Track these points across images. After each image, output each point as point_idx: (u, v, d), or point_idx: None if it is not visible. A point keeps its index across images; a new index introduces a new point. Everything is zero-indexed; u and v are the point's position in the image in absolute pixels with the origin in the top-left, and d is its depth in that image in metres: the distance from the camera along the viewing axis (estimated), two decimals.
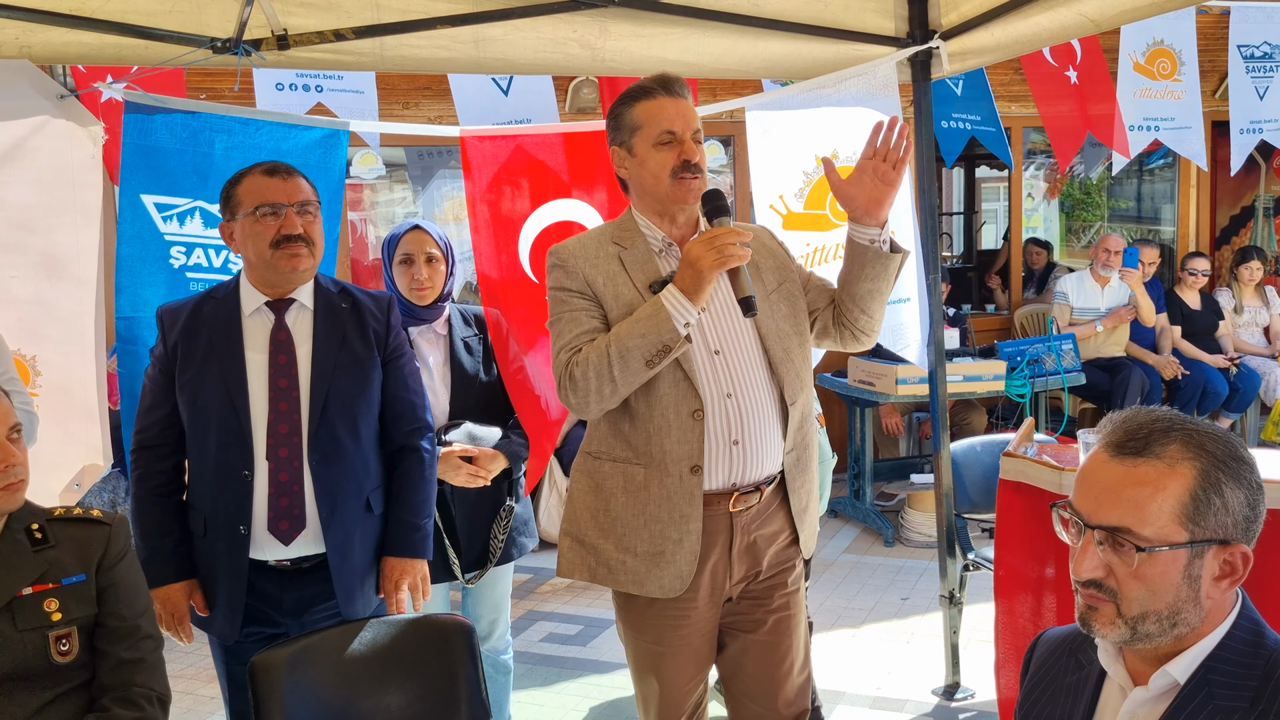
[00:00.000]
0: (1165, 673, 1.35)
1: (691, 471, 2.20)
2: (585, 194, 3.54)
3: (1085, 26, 3.22)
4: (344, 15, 3.14)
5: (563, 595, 5.02)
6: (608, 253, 2.27)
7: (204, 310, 2.42)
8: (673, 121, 2.20)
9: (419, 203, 7.75)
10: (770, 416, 2.25)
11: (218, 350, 2.37)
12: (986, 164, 11.00)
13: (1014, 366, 5.75)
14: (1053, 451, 3.06)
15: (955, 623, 3.79)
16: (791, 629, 2.37)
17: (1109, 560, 1.34)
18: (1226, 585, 1.34)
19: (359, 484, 2.42)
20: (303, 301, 2.43)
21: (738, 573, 2.29)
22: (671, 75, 2.25)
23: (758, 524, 2.29)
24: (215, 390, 2.35)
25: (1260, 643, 1.34)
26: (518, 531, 3.05)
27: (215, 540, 2.37)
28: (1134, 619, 1.33)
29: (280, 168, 2.40)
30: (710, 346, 2.23)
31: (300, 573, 2.41)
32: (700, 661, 2.34)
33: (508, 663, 3.16)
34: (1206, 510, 1.31)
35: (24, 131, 3.02)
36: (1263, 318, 7.00)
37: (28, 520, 2.01)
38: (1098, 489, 1.36)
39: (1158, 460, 1.32)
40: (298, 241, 2.35)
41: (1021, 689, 1.59)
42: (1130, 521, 1.32)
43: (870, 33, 3.57)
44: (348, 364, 2.41)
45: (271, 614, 2.42)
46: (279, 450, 2.33)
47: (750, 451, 2.22)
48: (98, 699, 1.99)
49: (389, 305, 2.53)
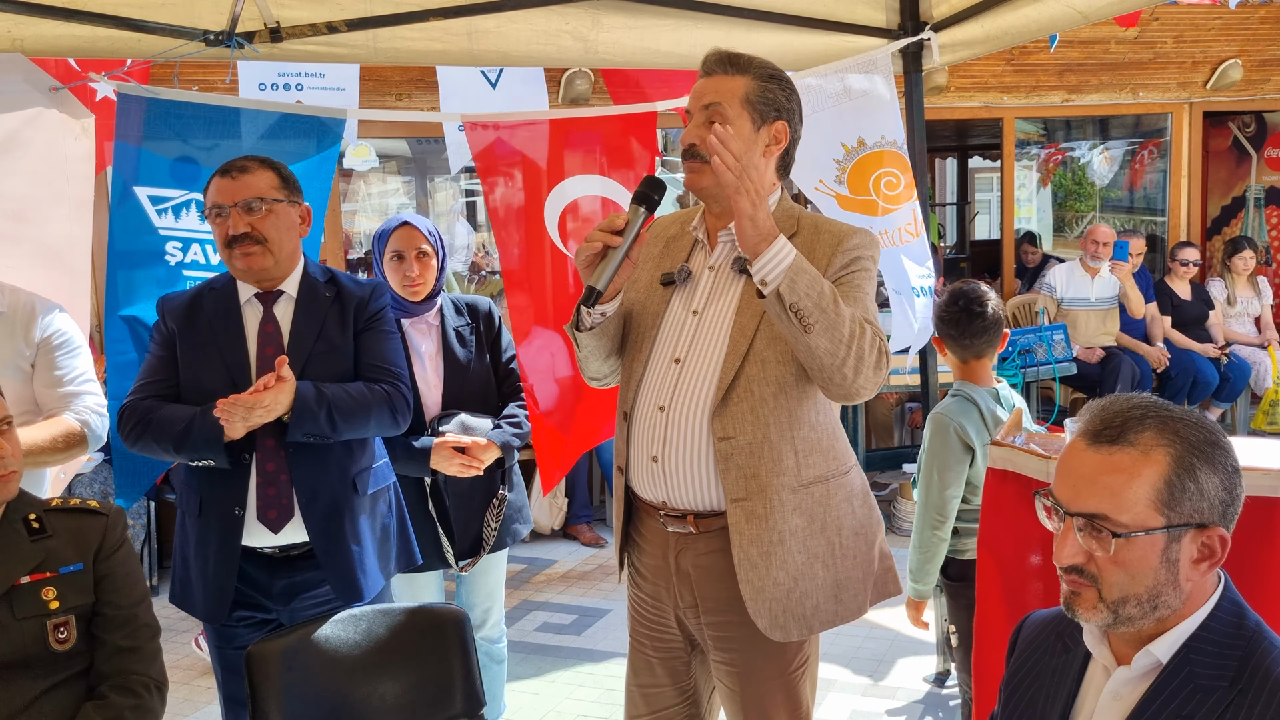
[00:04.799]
0: (1148, 652, 1.38)
1: (619, 471, 2.16)
2: (612, 172, 3.59)
3: (1074, 19, 3.25)
4: (336, 8, 3.15)
5: (557, 585, 5.05)
6: (666, 234, 2.21)
7: (204, 299, 2.45)
8: (689, 103, 2.07)
9: (412, 195, 7.76)
10: (701, 444, 2.01)
11: (219, 338, 2.40)
12: (980, 154, 11.03)
13: (1005, 356, 5.77)
14: (1040, 440, 3.08)
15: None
16: (739, 705, 2.12)
17: (1089, 546, 1.36)
18: (1205, 568, 1.36)
19: (342, 468, 2.43)
20: (289, 292, 2.45)
21: (683, 596, 2.12)
22: (714, 51, 2.06)
23: (695, 554, 2.08)
24: (218, 376, 2.37)
25: (1241, 624, 1.37)
26: (511, 519, 3.07)
27: (209, 520, 2.39)
28: (1115, 603, 1.36)
29: (234, 165, 2.39)
30: (673, 353, 2.08)
31: (289, 560, 2.43)
32: (656, 675, 2.21)
33: (502, 651, 3.19)
34: (1181, 495, 1.33)
35: (17, 123, 3.03)
36: (1254, 308, 7.03)
37: (25, 510, 2.03)
38: (1075, 477, 1.38)
39: (1132, 448, 1.35)
40: (245, 241, 2.34)
41: (1007, 669, 1.62)
42: (1106, 508, 1.34)
43: (862, 24, 3.59)
44: (323, 352, 2.41)
45: (261, 600, 2.44)
46: (265, 440, 2.35)
47: (671, 473, 2.04)
48: (96, 686, 2.01)
49: (373, 291, 2.52)
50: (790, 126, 2.08)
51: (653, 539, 2.14)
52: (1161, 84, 7.22)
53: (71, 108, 3.08)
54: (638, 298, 2.17)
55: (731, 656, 2.10)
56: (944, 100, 6.80)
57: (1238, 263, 6.94)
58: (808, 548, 2.03)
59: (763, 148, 2.05)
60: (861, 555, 2.10)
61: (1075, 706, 1.47)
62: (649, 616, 2.21)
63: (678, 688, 2.22)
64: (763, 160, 2.06)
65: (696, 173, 2.04)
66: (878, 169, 3.64)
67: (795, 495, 2.01)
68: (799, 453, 2.02)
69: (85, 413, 2.63)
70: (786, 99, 2.07)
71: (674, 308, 2.12)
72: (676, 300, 2.13)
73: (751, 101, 2.02)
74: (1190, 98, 7.39)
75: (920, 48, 3.58)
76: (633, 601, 2.26)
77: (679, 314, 2.11)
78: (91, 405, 2.66)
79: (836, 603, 2.07)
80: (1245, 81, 7.17)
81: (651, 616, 2.20)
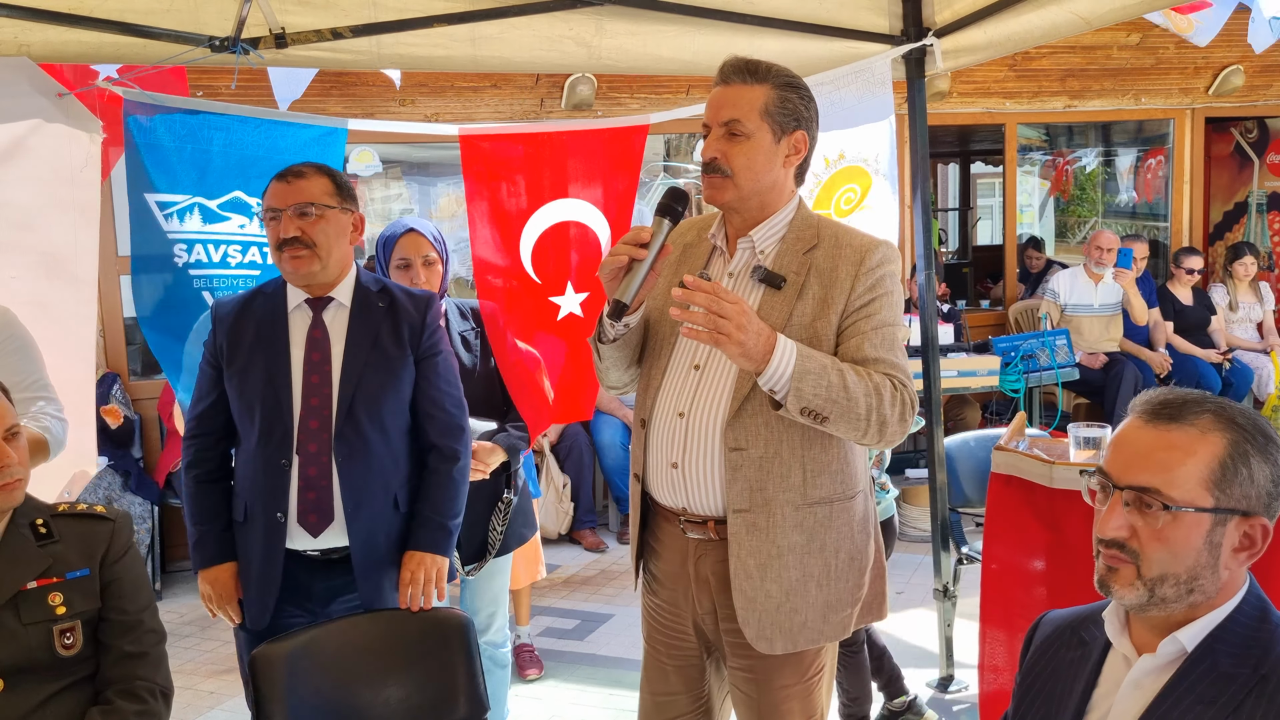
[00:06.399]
0: (1175, 639, 1.39)
1: (636, 478, 2.15)
2: (584, 193, 3.57)
3: (1077, 24, 3.25)
4: (341, 14, 3.16)
5: (560, 590, 5.05)
6: (683, 241, 2.18)
7: (254, 304, 2.49)
8: (706, 114, 2.05)
9: (414, 201, 7.76)
10: (719, 452, 2.01)
11: (264, 343, 2.43)
12: (982, 160, 11.03)
13: (1008, 362, 5.78)
14: (1043, 445, 3.09)
15: (949, 616, 3.82)
16: (757, 712, 2.12)
17: (1133, 521, 1.37)
18: (1245, 557, 1.38)
19: (385, 481, 2.44)
20: (340, 300, 2.47)
21: (702, 602, 2.11)
22: (731, 59, 2.03)
23: (716, 560, 2.06)
24: (260, 381, 2.40)
25: (1265, 618, 1.39)
26: (517, 523, 3.08)
27: (253, 527, 2.42)
28: (1153, 580, 1.37)
29: (290, 171, 2.43)
30: (693, 360, 2.07)
31: (329, 563, 2.45)
32: (670, 683, 2.20)
33: (506, 656, 3.19)
34: (1234, 479, 1.35)
35: (23, 131, 3.03)
36: (1256, 313, 7.03)
37: (32, 516, 2.04)
38: (1129, 451, 1.40)
39: (1190, 427, 1.37)
40: (295, 244, 2.37)
41: (1021, 667, 1.62)
42: (1159, 482, 1.36)
43: (865, 30, 3.59)
44: (377, 362, 2.43)
45: (303, 601, 2.46)
46: (309, 445, 2.38)
47: (691, 479, 2.04)
48: (101, 692, 2.01)
49: (427, 304, 2.54)
50: (809, 135, 2.07)
51: (671, 545, 2.14)
52: (1164, 90, 7.23)
53: (77, 113, 3.08)
54: (656, 305, 2.16)
55: (750, 664, 2.09)
56: (946, 106, 6.81)
57: (1239, 268, 6.94)
58: (804, 565, 2.03)
59: (783, 159, 2.04)
60: (854, 581, 2.10)
61: (1093, 698, 1.47)
62: (665, 623, 2.20)
63: (691, 695, 2.21)
64: (782, 171, 2.06)
65: (717, 188, 2.03)
66: (844, 184, 3.67)
67: (798, 513, 2.02)
68: (808, 472, 2.02)
69: (44, 419, 2.54)
70: (805, 107, 2.06)
71: None
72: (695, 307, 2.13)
73: (771, 113, 2.01)
74: (1192, 103, 7.40)
75: (923, 53, 3.59)
76: (648, 609, 2.25)
77: None
78: (50, 411, 2.57)
79: (824, 622, 2.07)
80: (1247, 87, 7.18)
81: (668, 623, 2.19)
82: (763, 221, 2.07)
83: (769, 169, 2.03)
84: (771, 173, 2.03)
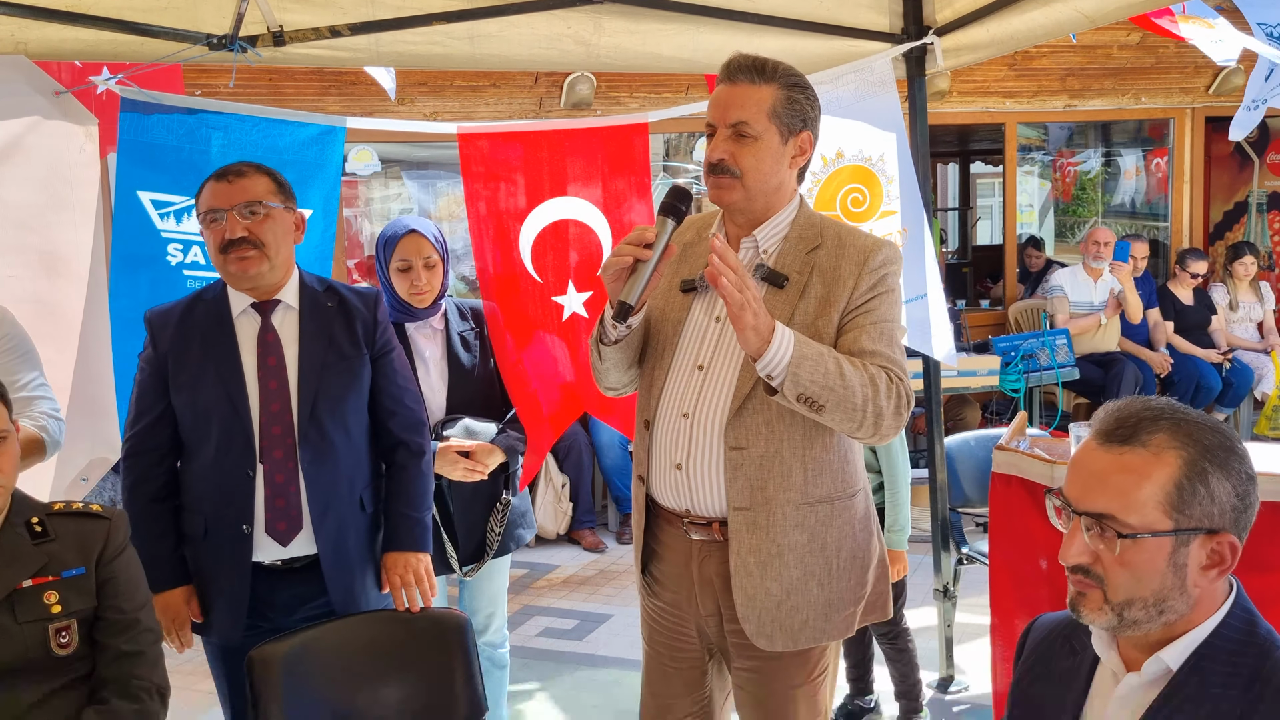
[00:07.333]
0: (1158, 659, 1.37)
1: (639, 480, 2.14)
2: (584, 191, 3.55)
3: (1079, 22, 3.23)
4: (339, 11, 3.15)
5: (559, 590, 5.04)
6: (682, 240, 2.13)
7: (195, 312, 2.41)
8: (711, 113, 2.03)
9: (413, 200, 7.75)
10: (723, 452, 2.00)
11: (212, 351, 2.36)
12: (982, 160, 11.03)
13: (1008, 362, 5.77)
14: (1044, 445, 3.08)
15: (949, 616, 3.81)
16: (763, 712, 2.12)
17: (1095, 546, 1.35)
18: (1215, 575, 1.35)
19: (351, 482, 2.42)
20: (288, 302, 2.41)
21: (705, 604, 2.10)
22: (737, 56, 2.02)
23: (719, 562, 2.05)
24: (214, 391, 2.33)
25: (1253, 632, 1.36)
26: (515, 524, 3.07)
27: (218, 542, 2.36)
28: (1120, 605, 1.35)
29: (231, 170, 2.36)
30: (696, 360, 2.06)
31: (291, 571, 2.40)
32: (672, 686, 2.20)
33: (504, 657, 3.18)
34: (1192, 499, 1.32)
35: (21, 129, 3.02)
36: (1256, 313, 7.03)
37: (28, 514, 2.03)
38: (1085, 475, 1.37)
39: (1143, 448, 1.33)
40: (242, 245, 2.30)
41: (1015, 672, 1.61)
42: (1115, 508, 1.33)
43: (865, 29, 3.58)
44: (335, 362, 2.39)
45: (265, 611, 2.41)
46: (273, 452, 2.33)
47: (695, 480, 2.03)
48: (98, 691, 2.00)
49: (375, 301, 2.51)
50: (814, 135, 2.07)
51: (674, 547, 2.13)
52: (1164, 89, 7.22)
53: (75, 112, 3.07)
54: (657, 305, 2.15)
55: (758, 664, 2.09)
56: (946, 105, 6.81)
57: (1240, 268, 6.93)
58: (804, 564, 2.03)
59: (789, 159, 2.04)
60: (856, 579, 2.09)
61: (1084, 712, 1.46)
62: (667, 626, 2.19)
63: (692, 698, 2.21)
64: (788, 172, 2.05)
65: (725, 189, 2.02)
66: (846, 184, 3.64)
67: (799, 512, 2.01)
68: (808, 471, 2.02)
69: (41, 418, 2.51)
70: (811, 108, 2.05)
71: (695, 314, 2.10)
72: (698, 307, 2.11)
73: (779, 114, 1.99)
74: (1192, 103, 7.40)
75: (924, 52, 3.58)
76: (649, 611, 2.23)
77: (701, 320, 2.09)
78: (47, 411, 2.55)
79: (826, 620, 2.06)
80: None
81: (670, 625, 2.18)
82: (766, 221, 2.07)
83: (776, 170, 2.02)
84: (779, 174, 2.03)
